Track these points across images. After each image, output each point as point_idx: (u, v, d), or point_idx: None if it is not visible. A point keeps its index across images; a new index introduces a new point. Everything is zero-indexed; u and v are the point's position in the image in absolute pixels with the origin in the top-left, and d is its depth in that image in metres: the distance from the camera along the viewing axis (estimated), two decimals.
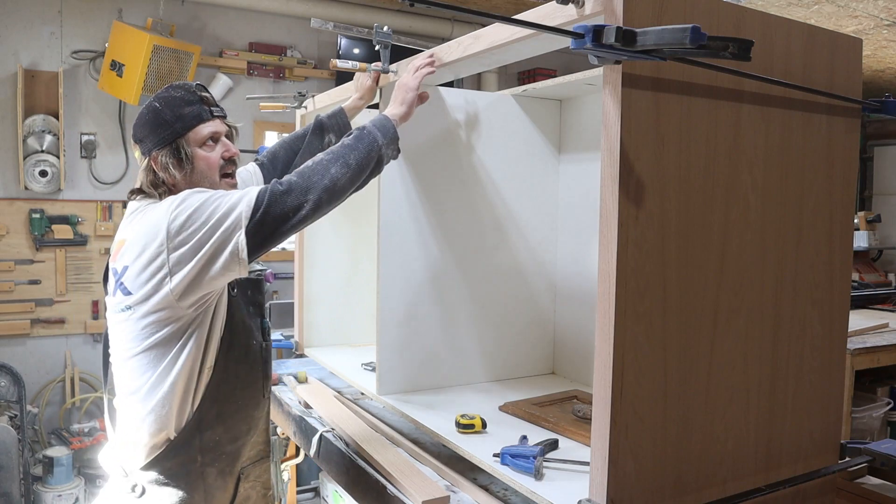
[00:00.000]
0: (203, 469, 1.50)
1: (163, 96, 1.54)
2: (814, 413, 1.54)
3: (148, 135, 1.52)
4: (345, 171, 1.50)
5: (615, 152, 1.17)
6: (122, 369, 1.50)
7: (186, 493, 1.48)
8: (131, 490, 1.47)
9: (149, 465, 1.47)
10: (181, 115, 1.52)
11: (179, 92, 1.54)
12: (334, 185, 1.48)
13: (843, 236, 1.55)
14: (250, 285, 1.64)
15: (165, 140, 1.51)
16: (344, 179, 1.49)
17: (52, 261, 4.07)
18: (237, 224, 1.38)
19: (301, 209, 1.43)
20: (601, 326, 1.21)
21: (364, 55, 4.63)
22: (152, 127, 1.52)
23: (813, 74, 1.45)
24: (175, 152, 1.51)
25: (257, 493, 1.64)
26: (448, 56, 1.75)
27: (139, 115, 1.55)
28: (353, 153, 1.52)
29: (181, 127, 1.51)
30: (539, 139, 2.34)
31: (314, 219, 1.48)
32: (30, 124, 3.91)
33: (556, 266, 2.41)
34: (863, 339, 3.09)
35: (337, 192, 1.49)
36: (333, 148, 1.54)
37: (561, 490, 1.42)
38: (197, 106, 1.54)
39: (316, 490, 4.06)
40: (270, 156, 2.03)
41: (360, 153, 1.53)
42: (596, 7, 1.19)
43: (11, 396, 3.81)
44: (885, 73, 6.12)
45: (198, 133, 1.53)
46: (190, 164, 1.52)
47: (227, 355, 1.52)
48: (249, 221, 1.38)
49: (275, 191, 1.43)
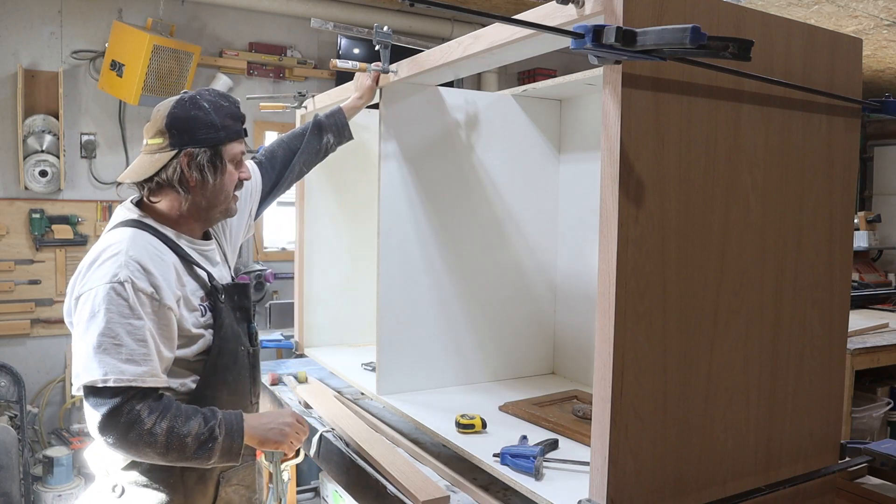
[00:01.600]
0: (183, 472, 1.49)
1: (211, 100, 1.53)
2: (814, 413, 1.54)
3: (189, 129, 1.50)
4: (162, 456, 1.38)
5: (615, 152, 1.17)
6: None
7: (166, 494, 1.47)
8: (112, 490, 1.47)
9: (129, 465, 1.47)
10: (227, 126, 1.54)
11: (226, 102, 1.56)
12: (143, 455, 1.38)
13: (843, 236, 1.55)
14: (236, 290, 1.63)
15: (209, 142, 1.51)
16: (154, 459, 1.39)
17: (52, 261, 4.07)
18: (78, 377, 1.35)
19: (106, 439, 1.35)
20: (601, 326, 1.21)
21: (364, 55, 4.62)
22: (198, 124, 1.50)
23: (813, 74, 1.45)
24: (213, 157, 1.51)
25: (240, 496, 1.62)
26: (448, 56, 1.75)
27: (181, 105, 1.51)
28: (181, 453, 1.39)
29: (225, 136, 1.53)
30: (539, 139, 2.34)
31: (108, 448, 1.39)
32: (30, 124, 3.91)
33: (556, 266, 2.41)
34: (863, 339, 3.09)
35: (142, 458, 1.40)
36: (184, 429, 1.38)
37: (561, 490, 1.42)
38: (239, 124, 1.57)
39: (316, 490, 4.06)
40: (268, 154, 2.02)
41: (188, 456, 1.40)
42: (596, 7, 1.19)
43: (11, 396, 3.81)
44: (885, 73, 6.12)
45: (233, 149, 1.56)
46: (221, 175, 1.53)
47: (215, 363, 1.52)
48: (83, 388, 1.35)
49: (121, 410, 1.33)
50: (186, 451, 1.38)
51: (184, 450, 1.38)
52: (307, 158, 2.07)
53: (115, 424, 1.34)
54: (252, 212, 1.92)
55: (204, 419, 1.41)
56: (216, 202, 1.57)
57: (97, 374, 1.33)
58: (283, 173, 2.02)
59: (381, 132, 2.07)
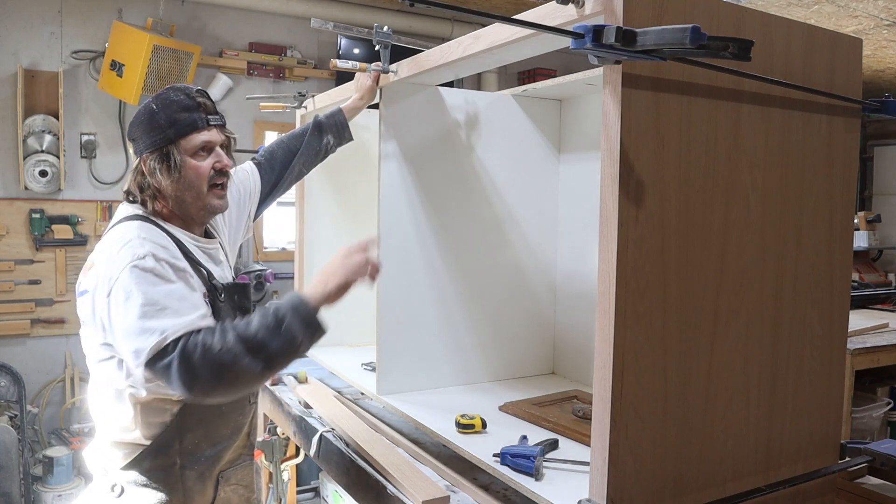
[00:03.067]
0: (182, 472, 1.49)
1: (161, 98, 1.52)
2: (814, 413, 1.54)
3: (141, 136, 1.50)
4: (252, 368, 1.30)
5: (615, 152, 1.17)
6: (93, 372, 1.51)
7: (165, 494, 1.47)
8: (111, 489, 1.47)
9: (128, 465, 1.47)
10: (176, 121, 1.48)
11: (179, 95, 1.51)
12: (234, 381, 1.32)
13: (843, 236, 1.55)
14: (237, 290, 1.62)
15: (157, 144, 1.49)
16: (248, 377, 1.32)
17: (52, 261, 4.07)
18: (140, 352, 1.30)
19: (194, 385, 1.29)
20: (601, 326, 1.21)
21: (364, 55, 4.62)
22: (146, 128, 1.50)
23: (813, 74, 1.45)
24: (165, 158, 1.48)
25: (239, 496, 1.63)
26: (448, 56, 1.75)
27: (136, 113, 1.54)
28: (263, 351, 1.31)
29: (174, 133, 1.48)
30: (539, 139, 2.34)
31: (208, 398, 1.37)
32: (30, 124, 3.91)
33: (556, 266, 2.41)
34: (863, 339, 3.09)
35: (236, 387, 1.35)
36: (248, 334, 1.30)
37: (561, 490, 1.43)
38: (194, 113, 1.50)
39: (316, 490, 4.06)
40: (268, 155, 2.02)
41: (274, 351, 1.32)
42: (596, 7, 1.19)
43: (11, 396, 3.81)
44: (885, 73, 6.12)
45: (190, 141, 1.50)
46: (178, 172, 1.49)
47: None
48: (148, 360, 1.30)
49: (181, 355, 1.28)
50: (269, 347, 1.30)
51: (265, 346, 1.30)
52: (307, 159, 2.07)
53: (191, 367, 1.27)
54: (251, 213, 1.92)
55: (260, 314, 1.34)
56: (188, 199, 1.53)
57: (155, 338, 1.29)
58: (283, 174, 2.01)
59: (381, 132, 2.07)
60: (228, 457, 1.61)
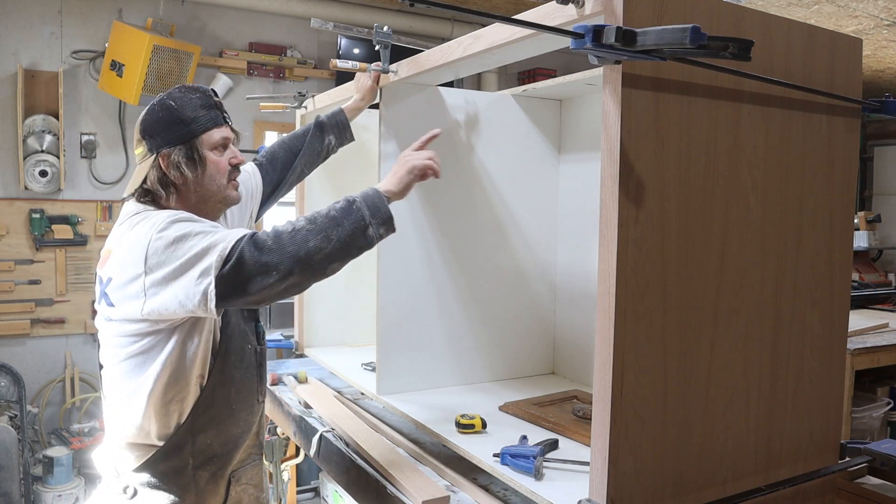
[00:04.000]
0: (195, 472, 1.49)
1: (178, 96, 1.53)
2: (814, 413, 1.54)
3: (160, 131, 1.50)
4: (323, 247, 1.34)
5: (615, 152, 1.17)
6: (109, 374, 1.50)
7: (178, 496, 1.47)
8: (123, 491, 1.47)
9: (140, 467, 1.46)
10: (197, 117, 1.52)
11: (196, 94, 1.55)
12: (309, 259, 1.33)
13: (843, 236, 1.55)
14: None
15: (180, 139, 1.50)
16: (320, 255, 1.34)
17: (52, 261, 4.07)
18: (207, 270, 1.30)
19: (270, 275, 1.31)
20: (601, 326, 1.21)
21: (364, 55, 4.62)
22: (166, 124, 1.50)
23: (813, 74, 1.45)
24: (188, 152, 1.50)
25: (249, 495, 1.63)
26: (448, 56, 1.75)
27: (151, 110, 1.53)
28: (335, 229, 1.36)
29: (197, 128, 1.51)
30: (539, 139, 2.34)
31: (288, 289, 1.35)
32: (30, 124, 3.91)
33: (556, 266, 2.41)
34: (863, 339, 3.09)
35: (312, 267, 1.35)
36: (318, 215, 1.38)
37: (561, 490, 1.43)
38: (213, 111, 1.55)
39: (316, 490, 4.06)
40: (269, 156, 2.02)
41: (345, 231, 1.37)
42: (596, 7, 1.19)
43: (11, 396, 3.81)
44: (885, 73, 6.12)
45: (211, 136, 1.53)
46: (202, 166, 1.52)
47: (223, 361, 1.52)
48: (219, 271, 1.31)
49: (251, 246, 1.31)
50: (340, 226, 1.35)
51: (335, 224, 1.35)
52: (308, 160, 2.07)
53: (263, 249, 1.31)
54: (253, 214, 1.92)
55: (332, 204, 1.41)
56: (209, 193, 1.56)
57: (219, 248, 1.31)
58: (285, 175, 2.01)
59: (381, 132, 2.07)
60: (239, 456, 1.62)
